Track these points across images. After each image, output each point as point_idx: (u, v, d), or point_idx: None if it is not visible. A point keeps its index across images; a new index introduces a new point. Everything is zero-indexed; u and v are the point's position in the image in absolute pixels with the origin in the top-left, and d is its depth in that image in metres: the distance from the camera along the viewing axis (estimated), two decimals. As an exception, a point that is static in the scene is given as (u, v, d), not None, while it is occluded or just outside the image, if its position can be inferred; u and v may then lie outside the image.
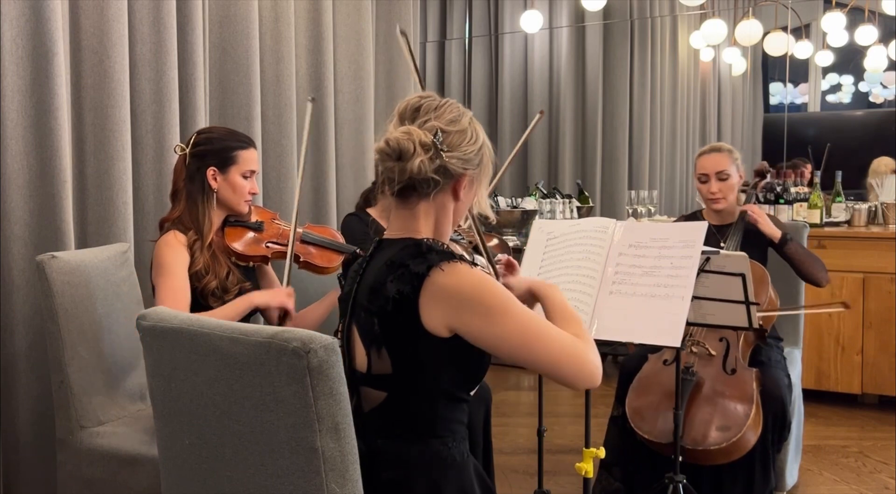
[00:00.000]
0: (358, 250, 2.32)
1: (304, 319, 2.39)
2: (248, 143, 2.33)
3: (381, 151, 1.46)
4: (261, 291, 2.33)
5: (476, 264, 1.63)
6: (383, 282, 1.45)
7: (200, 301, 2.21)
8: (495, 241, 2.83)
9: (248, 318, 2.39)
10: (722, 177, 2.89)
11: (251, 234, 2.36)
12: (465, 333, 1.42)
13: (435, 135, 1.45)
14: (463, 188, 1.52)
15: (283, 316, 2.29)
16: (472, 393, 1.58)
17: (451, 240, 1.99)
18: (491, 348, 1.44)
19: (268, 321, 2.34)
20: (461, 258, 1.44)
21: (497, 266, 1.82)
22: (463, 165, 1.49)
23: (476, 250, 2.12)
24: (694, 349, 2.69)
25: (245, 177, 2.30)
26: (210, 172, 2.26)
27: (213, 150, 2.27)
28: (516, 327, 1.41)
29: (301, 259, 2.41)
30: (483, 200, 1.59)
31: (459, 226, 2.25)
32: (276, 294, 2.29)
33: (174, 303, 2.10)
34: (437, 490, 1.49)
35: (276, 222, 2.46)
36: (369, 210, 2.87)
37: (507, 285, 1.69)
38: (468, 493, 1.53)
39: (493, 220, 1.68)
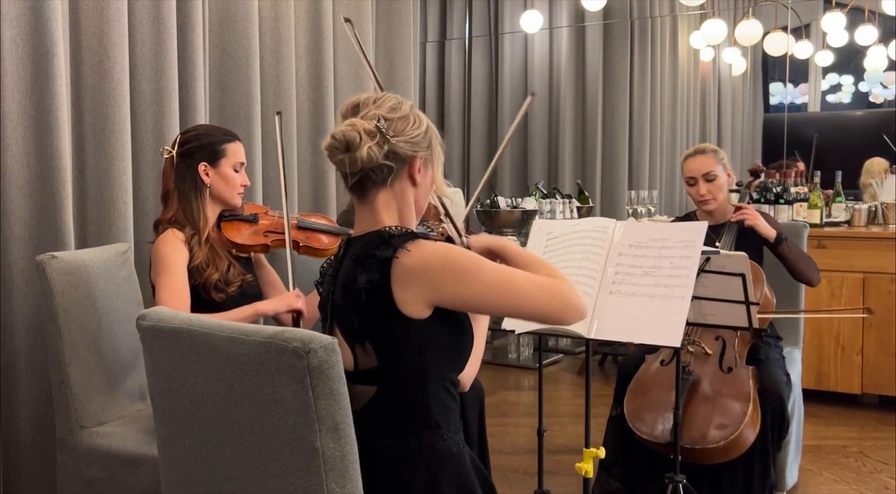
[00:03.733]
0: (352, 232, 2.33)
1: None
2: (233, 136, 2.36)
3: (330, 147, 1.49)
4: (267, 300, 2.32)
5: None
6: (354, 277, 1.48)
7: (203, 295, 2.21)
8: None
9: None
10: (709, 178, 2.90)
11: (248, 225, 2.39)
12: (447, 302, 1.46)
13: (378, 122, 1.48)
14: (418, 172, 1.55)
15: (298, 317, 2.28)
16: (459, 375, 1.59)
17: (421, 233, 1.99)
18: (473, 307, 1.49)
19: (281, 325, 2.34)
20: (423, 236, 1.47)
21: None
22: (412, 148, 1.52)
23: (450, 240, 2.11)
24: (690, 349, 2.69)
25: (235, 170, 2.31)
26: (201, 167, 2.27)
27: (202, 145, 2.28)
28: (491, 280, 1.46)
29: (301, 244, 2.43)
30: (440, 182, 1.62)
31: (427, 220, 2.24)
32: (282, 300, 2.28)
33: (175, 300, 2.10)
34: (435, 484, 1.50)
35: (271, 213, 2.48)
36: None
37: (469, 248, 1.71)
38: (465, 484, 1.54)
39: (452, 200, 1.71)
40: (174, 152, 2.28)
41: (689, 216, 3.09)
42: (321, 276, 1.67)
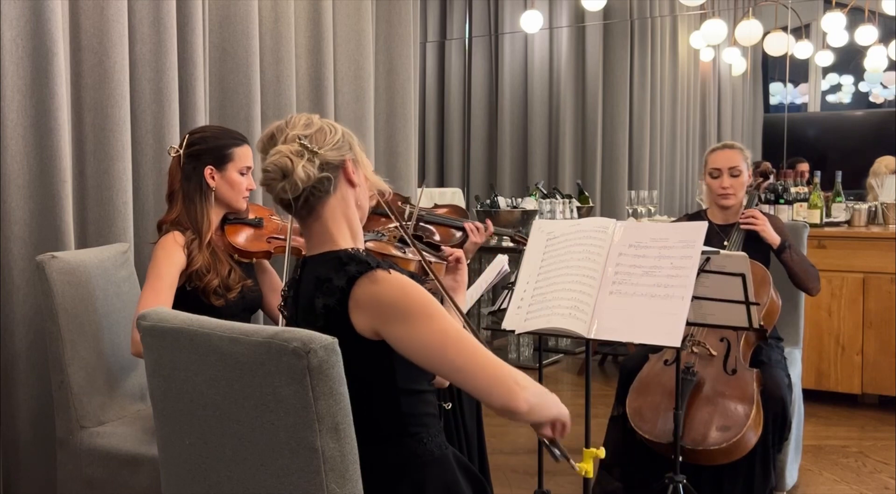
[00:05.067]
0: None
1: None
2: (242, 139, 2.34)
3: (267, 180, 1.52)
4: None
5: (400, 262, 1.62)
6: (312, 300, 1.51)
7: (203, 300, 2.20)
8: (443, 210, 2.83)
9: (248, 318, 2.39)
10: (734, 173, 2.93)
11: (251, 230, 2.37)
12: (390, 340, 1.45)
13: (300, 140, 1.52)
14: (352, 173, 1.58)
15: None
16: (432, 383, 1.59)
17: (375, 240, 2.00)
18: (410, 352, 1.44)
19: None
20: (378, 265, 1.47)
21: (432, 258, 1.83)
22: (339, 153, 1.56)
23: (402, 241, 2.12)
24: (695, 350, 2.69)
25: (242, 173, 2.30)
26: (207, 170, 2.25)
27: (209, 148, 2.26)
28: (435, 332, 1.42)
29: (303, 252, 2.42)
30: (373, 177, 1.65)
31: (381, 228, 2.25)
32: None
33: (154, 305, 2.09)
34: (421, 490, 1.50)
35: (274, 217, 2.47)
36: None
37: (450, 286, 1.72)
38: (452, 487, 1.53)
39: (389, 193, 1.74)
40: (181, 152, 2.27)
41: (699, 215, 3.10)
42: (283, 300, 1.68)
